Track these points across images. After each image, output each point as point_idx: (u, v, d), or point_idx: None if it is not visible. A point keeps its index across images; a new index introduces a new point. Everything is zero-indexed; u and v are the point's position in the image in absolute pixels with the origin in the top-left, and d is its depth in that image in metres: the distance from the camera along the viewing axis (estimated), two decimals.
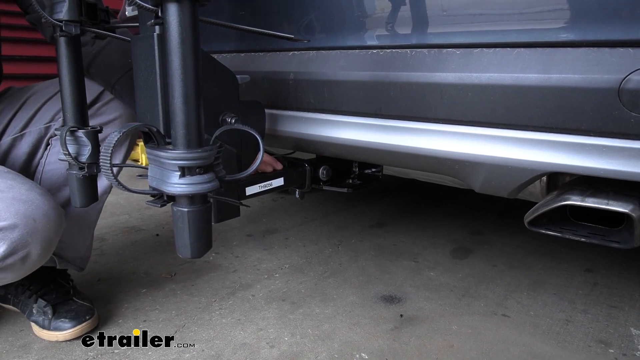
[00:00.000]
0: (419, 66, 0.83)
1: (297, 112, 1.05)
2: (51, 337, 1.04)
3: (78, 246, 1.12)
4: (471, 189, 0.94)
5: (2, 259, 0.81)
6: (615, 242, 0.77)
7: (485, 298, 1.25)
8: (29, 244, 0.83)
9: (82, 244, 1.13)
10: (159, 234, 1.71)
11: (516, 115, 0.74)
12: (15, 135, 1.05)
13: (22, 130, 1.05)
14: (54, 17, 0.72)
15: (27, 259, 0.85)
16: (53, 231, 0.88)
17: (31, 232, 0.83)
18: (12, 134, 1.05)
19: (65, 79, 0.79)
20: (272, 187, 1.10)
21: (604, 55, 0.66)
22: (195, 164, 0.60)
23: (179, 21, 0.55)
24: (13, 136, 1.05)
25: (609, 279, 1.37)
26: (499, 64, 0.74)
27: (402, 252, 1.56)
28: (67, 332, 1.03)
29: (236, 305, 1.21)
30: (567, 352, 1.02)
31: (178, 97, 0.57)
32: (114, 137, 0.61)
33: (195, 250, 0.63)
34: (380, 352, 1.01)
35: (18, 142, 1.05)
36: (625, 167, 0.67)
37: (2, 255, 0.81)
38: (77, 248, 1.12)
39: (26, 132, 1.05)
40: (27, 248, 0.83)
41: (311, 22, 1.00)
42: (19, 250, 0.82)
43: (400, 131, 0.89)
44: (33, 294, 1.08)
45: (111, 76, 1.02)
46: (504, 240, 1.68)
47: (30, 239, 0.83)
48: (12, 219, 0.80)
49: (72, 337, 1.04)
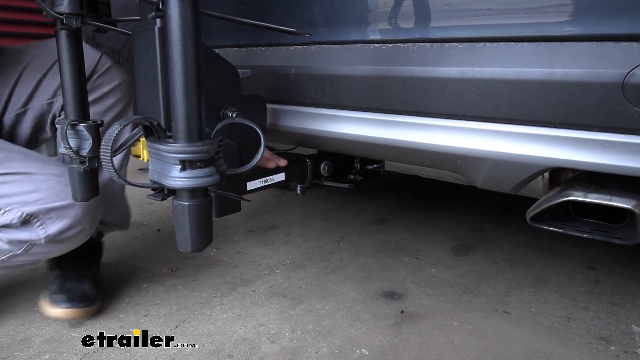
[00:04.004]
0: (421, 61, 0.82)
1: (298, 106, 1.04)
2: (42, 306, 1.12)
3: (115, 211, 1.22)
4: (473, 185, 0.93)
5: (62, 233, 0.95)
6: (618, 239, 0.77)
7: (486, 295, 1.25)
8: (83, 220, 0.97)
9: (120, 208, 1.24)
10: (160, 230, 1.71)
11: (519, 110, 0.73)
12: (18, 111, 1.07)
13: (24, 106, 1.07)
14: (54, 10, 0.72)
15: (81, 233, 0.99)
16: (99, 209, 1.02)
17: (85, 210, 0.97)
18: (14, 109, 1.06)
19: (66, 72, 0.79)
20: (273, 182, 1.09)
21: (608, 50, 0.66)
22: (196, 158, 0.59)
23: (180, 14, 0.55)
24: (16, 112, 1.06)
25: (610, 276, 1.37)
26: (502, 58, 0.74)
27: (403, 248, 1.56)
28: (58, 310, 1.08)
29: (237, 300, 1.21)
30: (568, 349, 1.02)
31: (179, 91, 0.57)
32: (114, 130, 0.60)
33: (195, 244, 0.63)
34: (381, 348, 1.01)
35: (21, 117, 1.07)
36: (629, 162, 0.67)
37: (62, 229, 0.95)
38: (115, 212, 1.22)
39: (29, 108, 1.07)
40: (82, 224, 0.97)
41: (313, 16, 0.99)
42: (76, 225, 0.97)
43: (402, 126, 0.88)
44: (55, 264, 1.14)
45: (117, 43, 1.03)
46: (506, 237, 1.67)
47: (84, 216, 0.97)
48: (70, 199, 0.89)
49: (61, 316, 1.09)
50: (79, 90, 0.80)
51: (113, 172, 0.62)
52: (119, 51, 1.04)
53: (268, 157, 1.13)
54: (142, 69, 0.69)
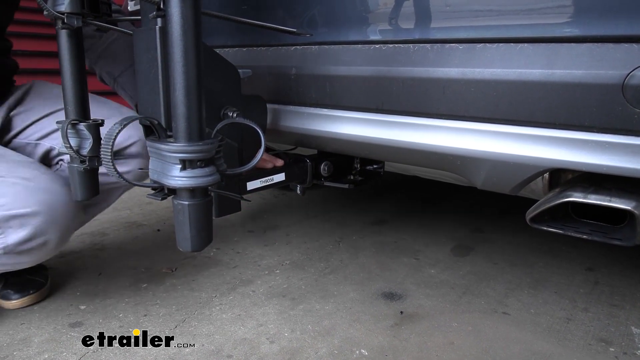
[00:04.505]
0: (421, 61, 0.82)
1: (298, 107, 1.04)
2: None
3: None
4: (473, 186, 0.93)
5: (22, 243, 0.87)
6: (618, 240, 0.77)
7: (485, 296, 1.25)
8: (48, 231, 0.89)
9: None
10: (160, 230, 1.71)
11: (519, 111, 0.73)
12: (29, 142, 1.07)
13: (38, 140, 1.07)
14: (56, 10, 0.72)
15: (45, 245, 0.90)
16: (71, 221, 0.93)
17: (51, 220, 0.88)
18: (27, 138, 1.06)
19: (67, 72, 0.79)
20: (273, 182, 1.10)
21: (608, 51, 0.66)
22: (196, 157, 0.59)
23: (181, 13, 0.55)
24: (27, 141, 1.06)
25: (610, 277, 1.37)
26: (502, 59, 0.74)
27: (403, 249, 1.56)
28: (12, 302, 1.13)
29: (236, 300, 1.21)
30: (568, 350, 1.02)
31: (180, 90, 0.57)
32: (114, 130, 0.60)
33: (195, 244, 0.63)
34: (380, 349, 1.01)
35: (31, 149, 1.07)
36: (629, 163, 0.67)
37: (22, 239, 0.87)
38: None
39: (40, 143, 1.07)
40: (46, 235, 0.89)
41: (314, 16, 0.99)
42: (39, 236, 0.88)
43: (402, 127, 0.88)
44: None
45: (115, 68, 1.03)
46: (505, 238, 1.67)
47: (49, 227, 0.88)
48: (35, 206, 0.85)
49: (17, 306, 1.14)
50: (79, 90, 0.81)
51: (113, 171, 0.62)
52: (117, 77, 1.04)
53: (265, 158, 1.14)
54: (143, 69, 0.70)
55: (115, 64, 1.04)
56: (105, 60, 1.04)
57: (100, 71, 1.06)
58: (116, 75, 1.03)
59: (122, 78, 1.03)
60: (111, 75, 1.04)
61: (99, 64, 1.05)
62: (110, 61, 1.04)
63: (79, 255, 1.47)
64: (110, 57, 1.04)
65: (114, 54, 1.04)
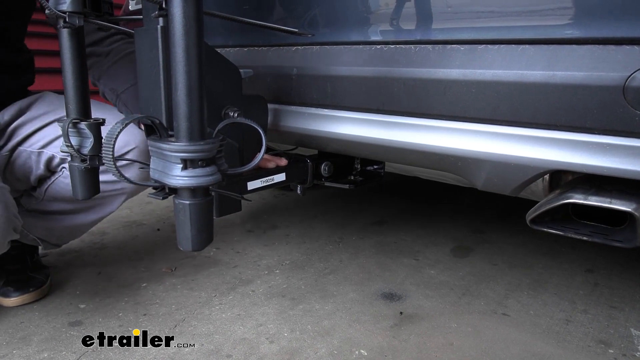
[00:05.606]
0: (422, 62, 0.83)
1: (299, 107, 1.04)
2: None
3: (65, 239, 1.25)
4: (473, 187, 0.93)
5: None
6: (618, 241, 0.77)
7: (485, 297, 1.25)
8: None
9: (70, 238, 1.27)
10: (160, 229, 1.71)
11: (520, 112, 0.74)
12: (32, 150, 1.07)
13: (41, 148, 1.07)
14: (57, 8, 0.72)
15: None
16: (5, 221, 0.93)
17: None
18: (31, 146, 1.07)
19: (68, 70, 0.79)
20: (274, 182, 1.10)
21: (609, 53, 0.66)
22: (197, 157, 0.59)
23: (183, 13, 0.55)
24: (31, 150, 1.07)
25: (609, 279, 1.37)
26: (504, 60, 0.74)
27: (403, 249, 1.56)
28: (12, 300, 1.15)
29: (236, 300, 1.21)
30: (567, 351, 1.02)
31: (181, 90, 0.57)
32: (115, 129, 0.60)
33: (196, 243, 0.63)
34: (379, 349, 1.01)
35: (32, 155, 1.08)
36: (629, 165, 0.67)
37: None
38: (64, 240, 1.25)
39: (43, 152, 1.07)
40: None
41: (315, 17, 0.99)
42: None
43: (402, 127, 0.88)
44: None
45: (119, 85, 1.04)
46: (505, 239, 1.67)
47: None
48: None
49: (16, 304, 1.16)
50: (80, 89, 0.80)
51: (114, 170, 0.62)
52: (120, 93, 1.04)
53: (267, 158, 1.14)
54: (145, 68, 0.70)
55: (118, 82, 1.05)
56: (109, 78, 1.06)
57: (104, 88, 1.07)
58: (119, 92, 1.04)
59: (125, 95, 1.04)
60: (114, 92, 1.05)
61: (102, 81, 1.06)
62: (114, 78, 1.06)
63: (79, 254, 1.47)
64: (114, 75, 1.06)
65: (118, 72, 1.05)
